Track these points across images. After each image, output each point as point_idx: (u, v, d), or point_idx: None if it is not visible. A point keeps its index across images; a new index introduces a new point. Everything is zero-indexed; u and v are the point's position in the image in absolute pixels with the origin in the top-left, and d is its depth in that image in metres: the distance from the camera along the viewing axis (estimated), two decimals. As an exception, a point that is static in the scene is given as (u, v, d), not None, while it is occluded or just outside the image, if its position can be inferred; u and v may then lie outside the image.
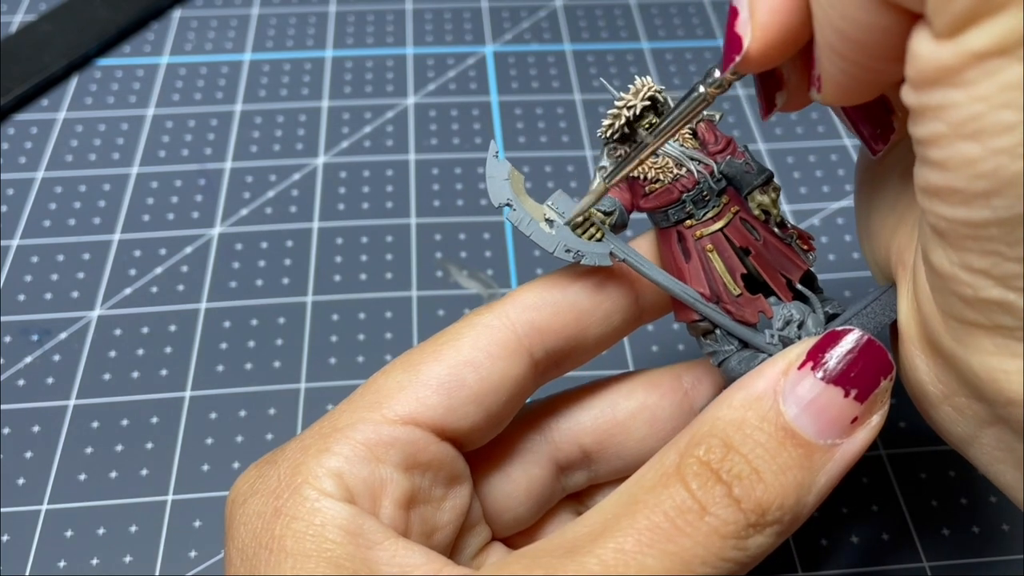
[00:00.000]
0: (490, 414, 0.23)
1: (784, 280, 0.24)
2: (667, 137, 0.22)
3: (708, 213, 0.24)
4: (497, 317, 0.24)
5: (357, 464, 0.21)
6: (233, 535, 0.21)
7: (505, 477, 0.26)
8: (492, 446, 0.25)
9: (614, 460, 0.27)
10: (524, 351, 0.24)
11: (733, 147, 0.25)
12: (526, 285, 0.25)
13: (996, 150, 0.15)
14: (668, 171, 0.24)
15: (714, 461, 0.20)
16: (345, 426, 0.22)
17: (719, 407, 0.21)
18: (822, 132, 0.46)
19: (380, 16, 0.53)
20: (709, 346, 0.25)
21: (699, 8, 0.53)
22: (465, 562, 0.25)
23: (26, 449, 0.34)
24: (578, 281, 0.24)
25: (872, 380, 0.20)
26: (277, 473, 0.21)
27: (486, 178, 0.24)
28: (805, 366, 0.20)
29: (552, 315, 0.24)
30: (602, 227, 0.24)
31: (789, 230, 0.25)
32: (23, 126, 0.46)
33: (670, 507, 0.19)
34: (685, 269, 0.24)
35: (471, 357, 0.23)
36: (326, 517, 0.20)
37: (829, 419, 0.20)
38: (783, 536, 0.20)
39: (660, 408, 0.27)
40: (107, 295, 0.39)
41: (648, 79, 0.24)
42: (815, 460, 0.20)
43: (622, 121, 0.24)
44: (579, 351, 0.25)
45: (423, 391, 0.23)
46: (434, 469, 0.23)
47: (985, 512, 0.33)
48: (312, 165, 0.44)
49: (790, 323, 0.24)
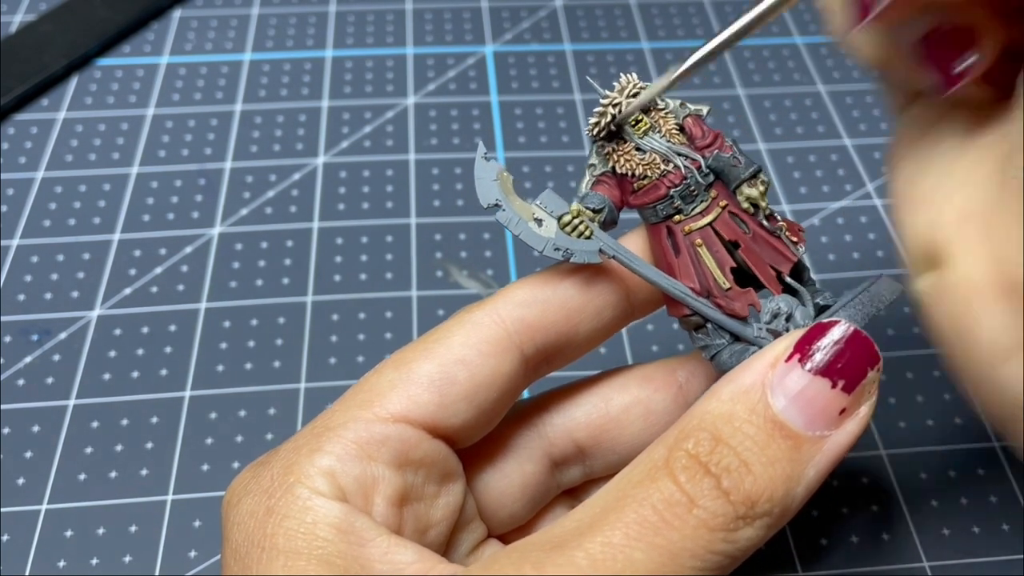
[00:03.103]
0: (481, 411, 0.23)
1: (774, 273, 0.24)
2: (741, 33, 0.22)
3: (696, 208, 0.24)
4: (488, 314, 0.24)
5: (349, 462, 0.21)
6: (228, 536, 0.21)
7: (499, 474, 0.26)
8: (486, 443, 0.25)
9: (608, 455, 0.27)
10: (515, 348, 0.24)
11: (720, 141, 0.25)
12: (517, 282, 0.25)
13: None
14: (655, 167, 0.24)
15: (703, 454, 0.20)
16: (337, 425, 0.22)
17: (708, 401, 0.21)
18: (822, 132, 0.46)
19: (380, 16, 0.53)
20: (700, 340, 0.25)
21: (699, 8, 0.53)
22: (460, 559, 0.25)
23: (26, 449, 0.34)
24: (568, 278, 0.25)
25: (859, 371, 0.20)
26: (270, 473, 0.22)
27: (474, 179, 0.24)
28: (792, 358, 0.20)
29: (542, 312, 0.24)
30: (591, 225, 0.24)
31: (778, 222, 0.25)
32: (23, 126, 0.46)
33: (658, 500, 0.19)
34: (675, 264, 0.24)
35: (462, 355, 0.23)
36: (318, 515, 0.20)
37: (817, 410, 0.20)
38: (773, 529, 0.20)
39: (654, 402, 0.27)
40: (107, 295, 0.39)
41: (633, 75, 0.24)
42: (804, 452, 0.20)
43: (608, 119, 0.24)
44: (570, 347, 0.25)
45: (414, 389, 0.23)
46: (426, 466, 0.23)
47: (985, 512, 0.33)
48: (312, 165, 0.44)
49: (778, 316, 0.24)
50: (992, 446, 0.35)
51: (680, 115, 0.25)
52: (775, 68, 0.50)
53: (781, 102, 0.48)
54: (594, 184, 0.25)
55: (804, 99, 0.48)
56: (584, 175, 0.26)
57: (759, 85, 0.49)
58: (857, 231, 0.42)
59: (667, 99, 0.25)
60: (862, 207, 0.43)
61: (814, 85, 0.49)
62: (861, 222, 0.42)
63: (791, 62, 0.50)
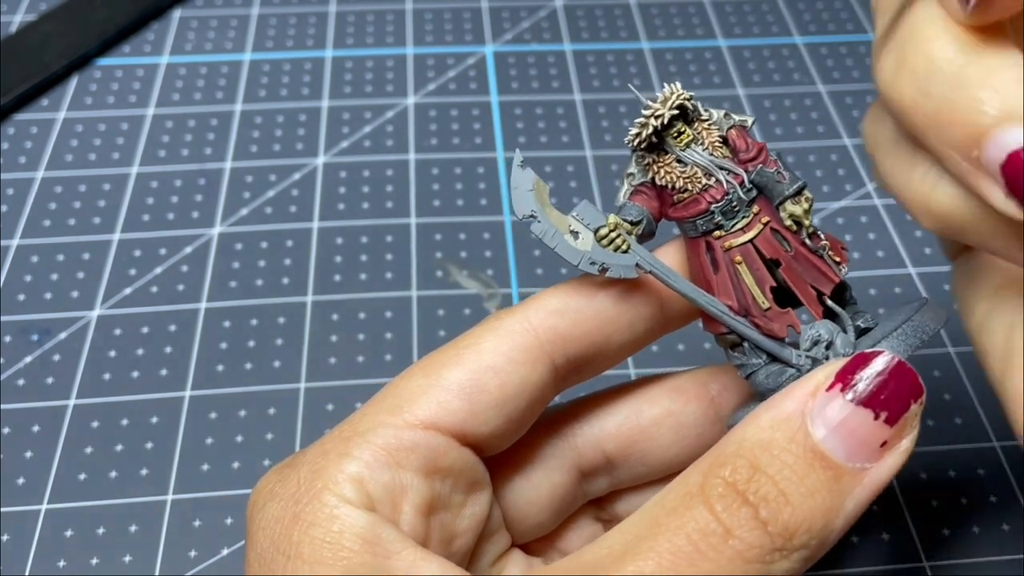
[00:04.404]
0: (510, 419, 0.23)
1: (815, 293, 0.24)
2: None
3: (737, 224, 0.23)
4: (519, 322, 0.23)
5: (378, 469, 0.21)
6: (252, 540, 0.21)
7: (527, 483, 0.25)
8: (514, 452, 0.25)
9: (637, 467, 0.26)
10: (546, 357, 0.23)
11: (765, 155, 0.24)
12: (550, 289, 0.24)
13: None
14: (696, 181, 0.23)
15: (740, 482, 0.19)
16: (366, 430, 0.22)
17: (746, 427, 0.20)
18: (822, 132, 0.46)
19: (380, 16, 0.53)
20: (737, 358, 0.24)
21: (699, 8, 0.53)
22: (484, 570, 0.24)
23: (26, 449, 0.34)
24: (603, 288, 0.24)
25: (903, 403, 0.20)
26: (297, 477, 0.21)
27: (510, 189, 0.23)
28: (834, 387, 0.20)
29: (575, 322, 0.24)
30: (628, 238, 0.23)
31: (821, 241, 0.24)
32: (23, 126, 0.46)
33: (693, 530, 0.19)
34: (713, 281, 0.24)
35: (492, 362, 0.23)
36: (344, 524, 0.20)
37: (858, 442, 0.19)
38: (809, 562, 0.19)
39: (685, 415, 0.26)
40: (107, 295, 0.39)
41: (677, 85, 0.23)
42: (844, 483, 0.19)
43: (649, 131, 0.23)
44: (601, 358, 0.25)
45: (444, 395, 0.22)
46: (454, 475, 0.23)
47: (985, 512, 0.33)
48: (312, 165, 0.44)
49: (818, 343, 0.23)
50: (992, 446, 0.35)
51: (724, 126, 0.24)
52: (775, 68, 0.50)
53: (781, 102, 0.48)
54: (632, 194, 0.24)
55: (804, 99, 0.48)
56: (623, 184, 0.25)
57: (759, 85, 0.49)
58: (857, 231, 0.42)
59: (711, 109, 0.24)
60: (862, 207, 0.43)
61: (814, 85, 0.49)
62: (861, 222, 0.42)
63: (791, 62, 0.50)
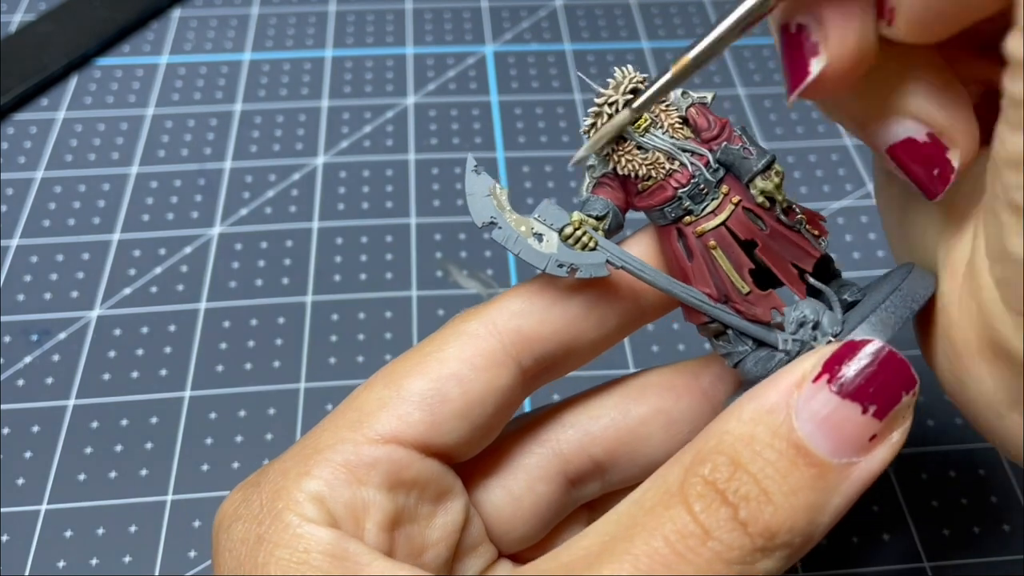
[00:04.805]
0: (476, 427, 0.23)
1: (796, 271, 0.23)
2: (706, 56, 0.20)
3: (707, 207, 0.22)
4: (483, 325, 0.23)
5: (338, 487, 0.21)
6: (219, 561, 0.21)
7: (508, 496, 0.25)
8: (495, 463, 0.25)
9: (629, 468, 0.26)
10: (511, 361, 0.23)
11: (728, 131, 0.23)
12: (514, 289, 0.24)
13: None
14: (660, 167, 0.22)
15: (720, 481, 0.18)
16: (325, 447, 0.21)
17: (727, 420, 0.19)
18: (822, 132, 0.46)
19: (380, 16, 0.53)
20: (722, 348, 0.23)
21: (699, 8, 0.53)
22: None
23: (26, 449, 0.34)
24: (569, 285, 0.23)
25: (893, 395, 0.19)
26: (260, 498, 0.21)
27: (466, 196, 0.23)
28: (820, 378, 0.19)
29: (541, 321, 0.23)
30: (595, 235, 0.22)
31: (797, 215, 0.23)
32: (23, 126, 0.46)
33: (671, 531, 0.18)
34: (688, 269, 0.23)
35: (455, 370, 0.22)
36: (309, 543, 0.20)
37: (845, 436, 0.18)
38: (793, 559, 0.19)
39: (676, 411, 0.25)
40: (107, 295, 0.39)
41: (629, 68, 0.22)
42: (829, 480, 0.18)
43: (604, 119, 0.22)
44: (573, 356, 0.24)
45: (405, 408, 0.22)
46: (419, 487, 0.22)
47: (985, 512, 0.33)
48: (312, 165, 0.44)
49: (804, 325, 0.22)
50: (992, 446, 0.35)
51: (683, 106, 0.23)
52: (775, 68, 0.50)
53: (781, 102, 0.48)
54: (595, 187, 0.23)
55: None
56: (584, 177, 0.24)
57: (759, 85, 0.49)
58: (858, 231, 0.42)
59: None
60: (863, 207, 0.43)
61: (814, 85, 0.49)
62: (862, 222, 0.42)
63: (791, 62, 0.50)
